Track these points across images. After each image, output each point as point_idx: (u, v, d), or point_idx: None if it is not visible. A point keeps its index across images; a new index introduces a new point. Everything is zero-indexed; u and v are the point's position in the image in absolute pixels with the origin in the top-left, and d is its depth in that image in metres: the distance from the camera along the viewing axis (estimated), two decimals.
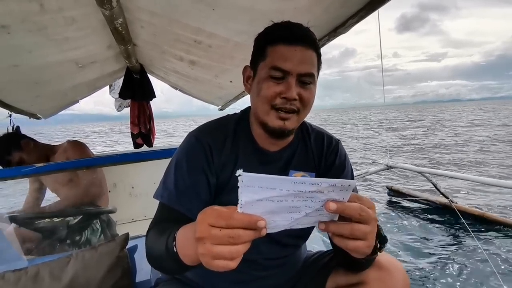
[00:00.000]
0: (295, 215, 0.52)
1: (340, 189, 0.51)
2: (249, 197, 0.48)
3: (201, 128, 0.92)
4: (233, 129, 0.91)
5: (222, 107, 3.65)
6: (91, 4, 1.19)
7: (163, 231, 0.71)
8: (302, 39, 0.77)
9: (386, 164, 4.62)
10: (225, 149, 0.88)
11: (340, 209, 0.51)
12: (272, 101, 0.79)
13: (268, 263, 0.94)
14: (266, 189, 0.47)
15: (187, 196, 0.81)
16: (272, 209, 0.50)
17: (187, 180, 0.82)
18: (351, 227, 0.54)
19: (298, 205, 0.51)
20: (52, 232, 1.72)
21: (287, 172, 0.92)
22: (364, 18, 1.18)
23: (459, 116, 35.18)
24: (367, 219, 0.54)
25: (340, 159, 0.97)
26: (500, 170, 7.54)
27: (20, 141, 1.96)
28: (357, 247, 0.55)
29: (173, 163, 0.86)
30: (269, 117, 0.80)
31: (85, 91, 2.97)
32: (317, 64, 0.81)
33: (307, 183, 0.48)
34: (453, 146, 12.26)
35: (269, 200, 0.48)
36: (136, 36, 1.83)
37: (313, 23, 1.18)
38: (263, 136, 0.89)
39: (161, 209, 0.84)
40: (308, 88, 0.80)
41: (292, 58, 0.76)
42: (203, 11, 1.27)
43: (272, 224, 0.52)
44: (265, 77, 0.79)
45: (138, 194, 2.85)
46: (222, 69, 2.14)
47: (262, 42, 0.82)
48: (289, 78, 0.77)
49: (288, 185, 0.47)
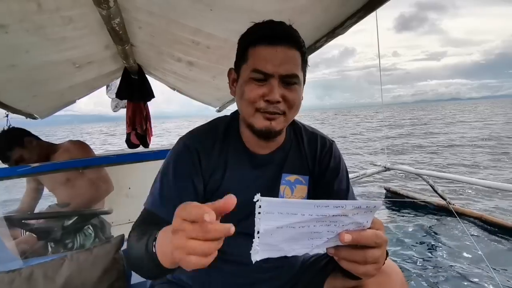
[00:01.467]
0: (316, 241, 0.49)
1: (365, 211, 0.47)
2: (268, 225, 0.44)
3: (190, 134, 0.91)
4: (222, 132, 0.90)
5: (220, 108, 3.65)
6: (88, 3, 1.19)
7: (144, 233, 0.70)
8: (283, 39, 0.75)
9: (384, 166, 4.62)
10: (213, 153, 0.87)
11: (356, 240, 0.49)
12: (256, 104, 0.77)
13: (266, 266, 0.92)
14: (287, 214, 0.43)
15: (171, 203, 0.79)
16: (292, 235, 0.46)
17: (173, 187, 0.82)
18: (365, 254, 0.51)
19: (320, 230, 0.47)
20: (47, 233, 1.70)
21: (279, 175, 0.90)
22: (362, 19, 1.18)
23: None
24: (381, 243, 0.52)
25: (335, 161, 0.95)
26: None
27: (23, 138, 1.95)
28: (368, 271, 0.53)
29: (161, 169, 0.86)
30: (255, 119, 0.79)
31: (82, 91, 2.96)
32: (301, 63, 0.79)
33: (331, 206, 0.45)
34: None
35: (289, 227, 0.45)
36: (134, 36, 1.82)
37: (311, 24, 1.18)
38: (252, 139, 0.87)
39: (144, 214, 0.82)
40: (292, 89, 0.77)
41: (273, 59, 0.74)
42: (201, 11, 1.27)
43: (291, 252, 0.49)
44: (247, 79, 0.77)
45: (134, 195, 2.83)
46: (220, 70, 2.14)
47: (243, 43, 0.80)
48: (272, 80, 0.75)
49: (310, 209, 0.44)
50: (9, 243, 1.58)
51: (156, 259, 0.59)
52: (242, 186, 0.87)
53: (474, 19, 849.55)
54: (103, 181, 2.05)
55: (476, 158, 9.44)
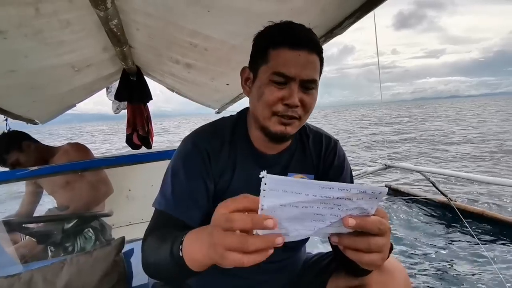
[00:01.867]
0: (319, 224, 0.49)
1: (370, 196, 0.46)
2: (271, 202, 0.44)
3: (197, 133, 0.90)
4: (230, 133, 0.89)
5: (218, 110, 3.64)
6: (85, 6, 1.19)
7: (164, 237, 0.69)
8: (306, 43, 0.75)
9: (384, 164, 4.61)
10: (222, 154, 0.86)
11: (359, 225, 0.48)
12: (274, 107, 0.76)
13: (268, 266, 0.92)
14: (291, 193, 0.44)
15: (185, 203, 0.79)
16: (296, 215, 0.46)
17: (185, 186, 0.81)
18: (369, 241, 0.50)
19: (324, 212, 0.47)
20: (46, 236, 1.70)
21: (285, 175, 0.91)
22: (360, 19, 1.17)
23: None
24: (385, 231, 0.51)
25: (339, 159, 0.96)
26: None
27: (21, 142, 1.95)
28: (372, 260, 0.52)
29: (170, 170, 0.85)
30: (270, 122, 0.78)
31: (82, 95, 2.96)
32: (319, 68, 0.79)
33: (336, 188, 0.44)
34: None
35: (293, 206, 0.45)
36: (132, 38, 1.82)
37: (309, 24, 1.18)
38: (261, 140, 0.87)
39: (158, 216, 0.81)
40: (310, 94, 0.78)
41: (296, 63, 0.73)
42: (198, 13, 1.26)
43: (294, 233, 0.49)
44: (266, 81, 0.76)
45: (135, 197, 2.82)
46: (218, 72, 2.13)
47: (264, 43, 0.78)
48: (292, 84, 0.74)
49: (315, 190, 0.44)
50: (9, 247, 1.57)
51: (183, 263, 0.59)
52: (250, 186, 0.87)
53: (473, 16, 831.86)
54: (103, 184, 2.05)
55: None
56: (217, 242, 0.48)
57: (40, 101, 2.48)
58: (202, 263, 0.57)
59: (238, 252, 0.46)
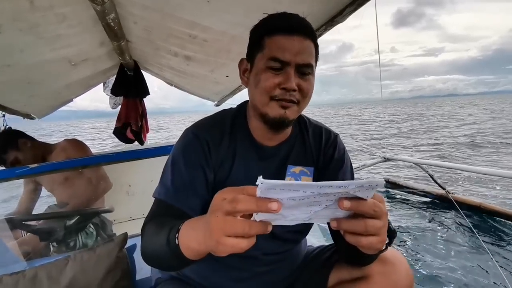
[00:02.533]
0: (315, 208, 0.50)
1: (367, 188, 0.47)
2: (269, 196, 0.45)
3: (198, 124, 0.90)
4: (230, 124, 0.90)
5: (218, 102, 3.63)
6: (81, 0, 1.17)
7: (162, 225, 0.70)
8: (300, 29, 0.76)
9: (383, 156, 4.63)
10: (222, 145, 0.86)
11: (354, 207, 0.49)
12: (271, 92, 0.77)
13: (268, 258, 0.93)
14: (289, 191, 0.44)
15: (184, 192, 0.80)
16: (293, 205, 0.47)
17: (185, 176, 0.81)
18: (365, 223, 0.51)
19: (319, 200, 0.48)
20: (49, 234, 1.70)
21: (285, 167, 0.90)
22: (362, 6, 1.16)
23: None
24: (380, 214, 0.52)
25: (339, 153, 0.95)
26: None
27: (17, 140, 1.93)
28: (371, 243, 0.53)
29: (170, 160, 0.85)
30: (269, 108, 0.79)
31: (79, 90, 2.94)
32: (315, 55, 0.79)
33: (334, 186, 0.45)
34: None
35: (290, 199, 0.46)
36: (129, 32, 1.80)
37: (309, 12, 1.16)
38: (261, 131, 0.87)
39: (158, 205, 0.82)
40: (307, 79, 0.78)
41: (291, 48, 0.74)
42: (197, 3, 1.25)
43: (291, 217, 0.50)
44: (263, 68, 0.77)
45: (135, 192, 2.83)
46: (218, 64, 2.12)
47: (259, 33, 0.80)
48: (288, 68, 0.75)
49: (313, 189, 0.44)
50: (11, 245, 1.57)
51: (179, 251, 0.60)
52: (249, 177, 0.86)
53: (472, 14, 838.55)
54: (102, 179, 2.04)
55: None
56: (216, 227, 0.49)
57: (37, 96, 2.46)
58: (197, 251, 0.58)
59: (235, 236, 0.48)
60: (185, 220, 0.62)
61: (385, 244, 0.62)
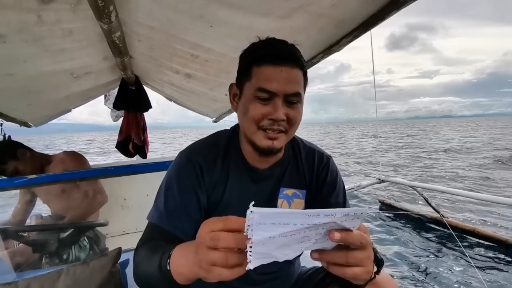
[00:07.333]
0: (305, 244, 0.51)
1: (353, 217, 0.49)
2: (260, 235, 0.45)
3: (191, 148, 0.91)
4: (223, 147, 0.91)
5: (216, 119, 3.66)
6: (89, 17, 1.20)
7: (155, 250, 0.70)
8: (287, 58, 0.76)
9: (378, 178, 4.64)
10: (216, 168, 0.88)
11: (344, 239, 0.50)
12: (259, 122, 0.78)
13: (261, 278, 0.93)
14: (279, 225, 0.45)
15: (177, 217, 0.80)
16: (284, 243, 0.48)
17: (178, 200, 0.82)
18: (346, 255, 0.53)
19: (309, 234, 0.49)
20: (42, 246, 1.68)
21: (278, 189, 0.92)
22: (357, 38, 1.21)
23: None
24: (365, 244, 0.53)
25: (332, 175, 0.96)
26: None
27: (16, 151, 1.93)
28: (355, 274, 0.54)
29: (164, 183, 0.86)
30: (257, 137, 0.80)
31: (78, 101, 2.96)
32: (303, 82, 0.80)
33: (321, 215, 0.46)
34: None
35: (282, 236, 0.46)
36: (133, 49, 1.83)
37: (308, 42, 1.20)
38: (252, 154, 0.88)
39: (151, 229, 0.82)
40: (295, 107, 0.79)
41: (278, 78, 0.75)
42: (201, 27, 1.29)
43: (283, 257, 0.51)
44: (251, 98, 0.78)
45: (130, 206, 2.80)
46: (217, 83, 2.15)
47: (247, 61, 0.81)
48: (276, 99, 0.76)
49: (302, 219, 0.45)
50: (2, 254, 1.54)
51: (170, 276, 0.61)
52: (242, 200, 0.87)
53: (467, 39, 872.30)
54: (98, 193, 2.03)
55: None
56: (202, 258, 0.51)
57: (35, 105, 2.46)
58: (188, 277, 0.59)
59: (222, 266, 0.49)
60: (177, 245, 0.63)
61: (373, 273, 0.63)
